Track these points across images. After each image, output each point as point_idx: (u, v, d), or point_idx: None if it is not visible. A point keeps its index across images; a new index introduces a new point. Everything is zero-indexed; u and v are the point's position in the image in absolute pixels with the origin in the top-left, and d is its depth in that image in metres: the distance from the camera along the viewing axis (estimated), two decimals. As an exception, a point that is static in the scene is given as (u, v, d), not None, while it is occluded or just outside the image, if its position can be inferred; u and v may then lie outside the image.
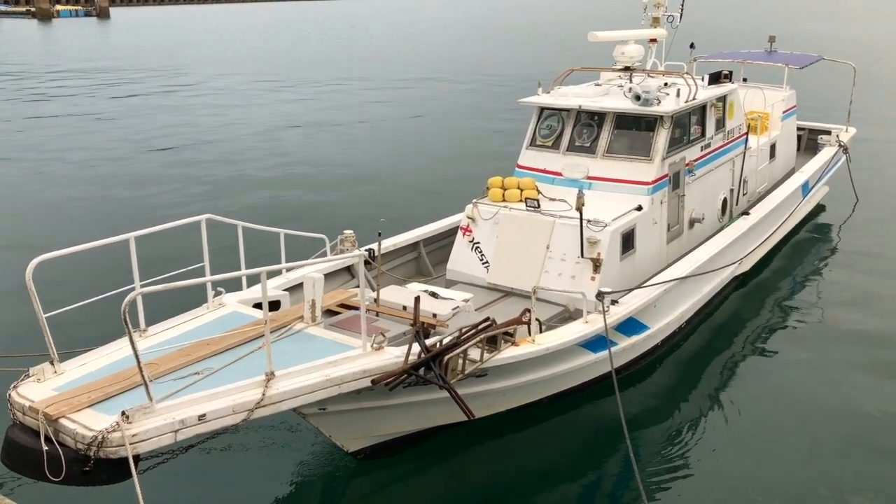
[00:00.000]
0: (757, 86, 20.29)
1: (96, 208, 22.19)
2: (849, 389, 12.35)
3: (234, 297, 10.23)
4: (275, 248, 11.01)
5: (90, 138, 31.73)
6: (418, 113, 37.15)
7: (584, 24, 67.32)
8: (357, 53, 64.96)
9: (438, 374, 8.58)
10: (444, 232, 14.66)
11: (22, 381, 7.66)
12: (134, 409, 6.89)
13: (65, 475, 6.80)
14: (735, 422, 11.56)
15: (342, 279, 12.86)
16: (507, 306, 12.05)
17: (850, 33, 76.14)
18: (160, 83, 47.75)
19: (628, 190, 13.22)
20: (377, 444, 10.31)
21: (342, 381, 8.19)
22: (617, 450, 10.86)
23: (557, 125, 14.23)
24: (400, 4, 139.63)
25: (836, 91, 31.44)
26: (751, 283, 16.27)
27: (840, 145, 20.74)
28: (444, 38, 78.86)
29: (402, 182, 24.76)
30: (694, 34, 19.07)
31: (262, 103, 40.25)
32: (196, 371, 7.93)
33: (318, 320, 9.34)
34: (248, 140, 31.24)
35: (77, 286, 13.08)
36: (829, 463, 10.59)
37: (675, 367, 13.10)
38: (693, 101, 14.00)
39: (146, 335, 8.93)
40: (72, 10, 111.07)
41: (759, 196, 17.59)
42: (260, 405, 7.54)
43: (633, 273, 12.79)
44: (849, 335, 14.11)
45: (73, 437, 6.84)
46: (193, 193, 23.54)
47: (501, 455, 10.85)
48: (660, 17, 16.34)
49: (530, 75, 24.05)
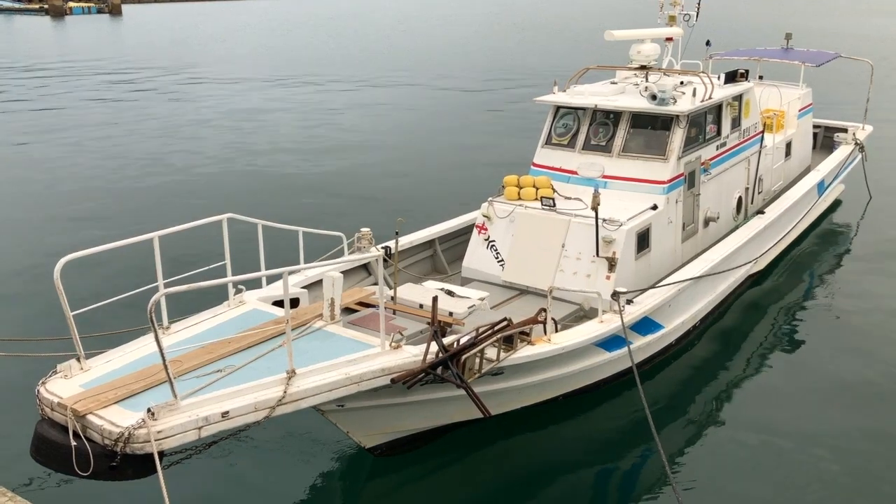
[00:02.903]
0: (773, 84, 20.25)
1: (116, 207, 22.40)
2: (866, 387, 12.37)
3: (255, 294, 10.38)
4: (293, 246, 11.14)
5: (103, 135, 32.00)
6: (433, 111, 37.20)
7: (601, 23, 67.07)
8: (371, 50, 65.01)
9: (456, 373, 8.69)
10: (459, 230, 14.76)
11: (50, 377, 7.83)
12: (159, 406, 7.05)
13: (92, 470, 6.98)
14: (743, 423, 11.59)
15: (359, 276, 12.99)
16: (522, 304, 12.15)
17: (867, 30, 75.53)
18: (174, 79, 47.98)
19: (644, 189, 13.27)
20: (394, 441, 10.43)
21: (361, 379, 8.32)
22: (631, 446, 10.97)
23: (573, 124, 14.28)
24: (411, 3, 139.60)
25: (853, 88, 31.30)
26: (765, 282, 16.30)
27: (856, 143, 20.68)
28: (458, 36, 78.78)
29: (418, 180, 24.87)
30: (710, 31, 19.08)
31: (276, 100, 40.40)
32: (218, 368, 8.07)
33: (337, 318, 9.47)
34: (266, 138, 31.39)
35: (101, 285, 13.28)
36: (851, 455, 10.68)
37: (689, 365, 13.16)
38: (709, 100, 14.03)
39: (169, 332, 9.09)
40: (84, 7, 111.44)
41: (774, 195, 17.59)
42: (282, 402, 7.68)
43: (648, 272, 12.85)
44: (863, 335, 14.12)
45: (101, 433, 7.01)
46: (210, 193, 23.71)
47: (516, 452, 10.96)
48: (676, 15, 16.36)
49: (546, 74, 24.07)
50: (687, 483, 10.15)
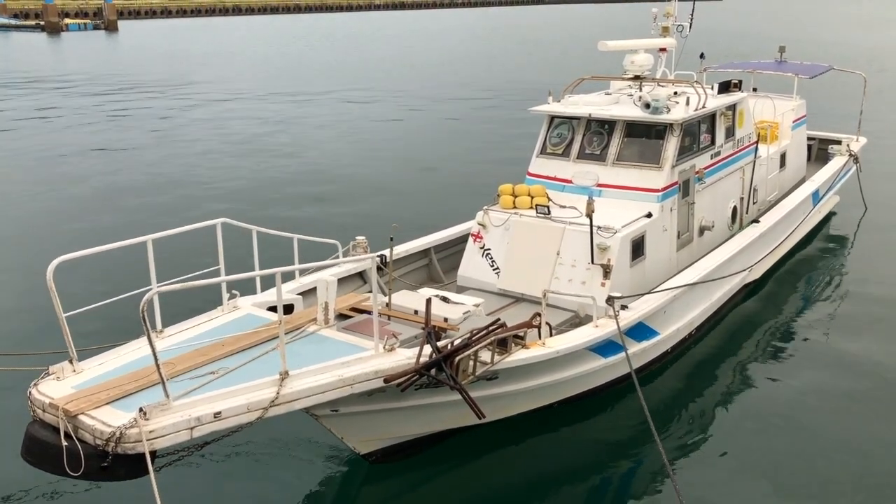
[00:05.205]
0: (767, 95, 20.38)
1: (111, 212, 22.41)
2: (857, 397, 12.35)
3: (249, 300, 10.36)
4: (288, 254, 11.13)
5: (102, 145, 32.06)
6: (429, 122, 37.37)
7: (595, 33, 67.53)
8: (367, 64, 65.30)
9: (450, 375, 8.67)
10: (455, 239, 14.77)
11: (42, 378, 7.81)
12: (151, 406, 7.02)
13: (83, 470, 6.93)
14: (740, 430, 11.55)
15: (354, 284, 12.98)
16: (518, 312, 12.14)
17: (861, 42, 76.08)
18: (171, 94, 48.13)
19: (638, 197, 13.31)
20: (389, 447, 10.38)
21: (355, 381, 8.30)
22: (630, 452, 10.94)
23: (568, 133, 14.34)
24: (408, 17, 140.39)
25: (847, 101, 31.48)
26: (760, 291, 16.30)
27: (850, 155, 20.78)
28: (453, 48, 79.24)
29: (414, 189, 24.93)
30: (704, 44, 19.19)
31: (271, 112, 40.53)
32: (212, 370, 8.06)
33: (330, 322, 9.46)
34: (259, 148, 31.46)
35: (95, 287, 13.26)
36: (849, 457, 10.69)
37: (685, 373, 13.13)
38: (702, 109, 14.10)
39: (163, 336, 9.07)
40: (80, 24, 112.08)
41: (769, 205, 17.64)
42: (274, 403, 7.65)
43: (643, 280, 12.86)
44: (857, 345, 14.10)
45: (92, 433, 6.97)
46: (206, 199, 23.74)
47: (512, 459, 10.89)
48: (669, 26, 16.47)
49: (541, 84, 24.19)
50: (686, 488, 10.09)
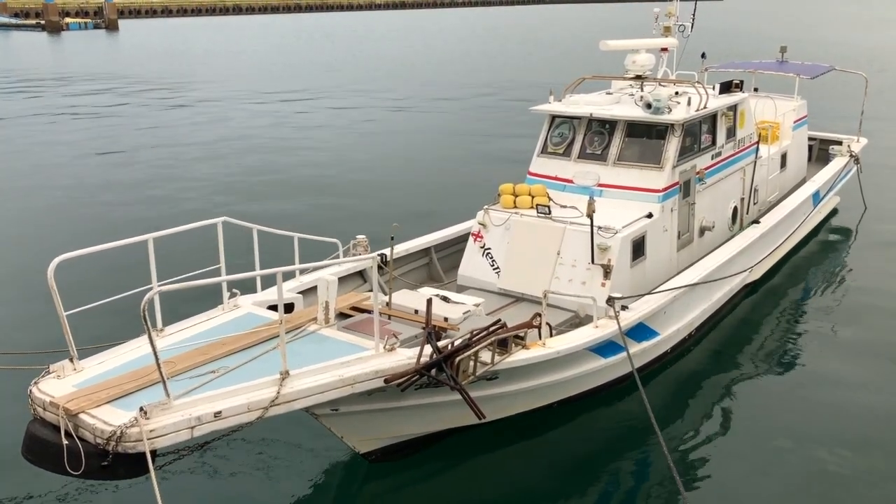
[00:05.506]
0: (768, 96, 20.37)
1: (111, 211, 22.41)
2: (858, 396, 12.35)
3: (249, 298, 10.36)
4: (289, 253, 11.13)
5: (106, 146, 32.07)
6: (430, 121, 37.36)
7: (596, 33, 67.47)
8: (367, 63, 65.28)
9: (450, 375, 8.67)
10: (455, 238, 14.77)
11: (43, 377, 7.81)
12: (152, 406, 7.01)
13: (84, 469, 6.92)
14: (740, 429, 11.56)
15: (354, 283, 12.98)
16: (518, 312, 12.14)
17: (862, 42, 76.03)
18: (171, 94, 48.12)
19: (639, 197, 13.30)
20: (389, 447, 10.38)
21: (355, 380, 8.30)
22: (630, 451, 10.94)
23: (569, 133, 14.34)
24: (409, 17, 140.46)
25: (848, 101, 31.47)
26: (761, 291, 16.30)
27: (851, 155, 20.76)
28: (454, 48, 79.19)
29: (414, 188, 24.92)
30: (705, 44, 19.17)
31: (271, 111, 40.52)
32: (212, 370, 8.05)
33: (331, 322, 9.46)
34: (260, 147, 31.46)
35: (96, 286, 13.24)
36: (850, 456, 10.71)
37: (684, 373, 13.13)
38: (704, 109, 14.09)
39: (163, 335, 9.06)
40: (81, 23, 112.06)
41: (769, 205, 17.64)
42: (274, 403, 7.65)
43: (644, 280, 12.85)
44: (857, 344, 14.11)
45: (93, 431, 6.97)
46: (208, 198, 23.74)
47: (512, 459, 10.89)
48: (671, 26, 16.46)
49: (542, 83, 24.19)
50: (689, 488, 10.10)
